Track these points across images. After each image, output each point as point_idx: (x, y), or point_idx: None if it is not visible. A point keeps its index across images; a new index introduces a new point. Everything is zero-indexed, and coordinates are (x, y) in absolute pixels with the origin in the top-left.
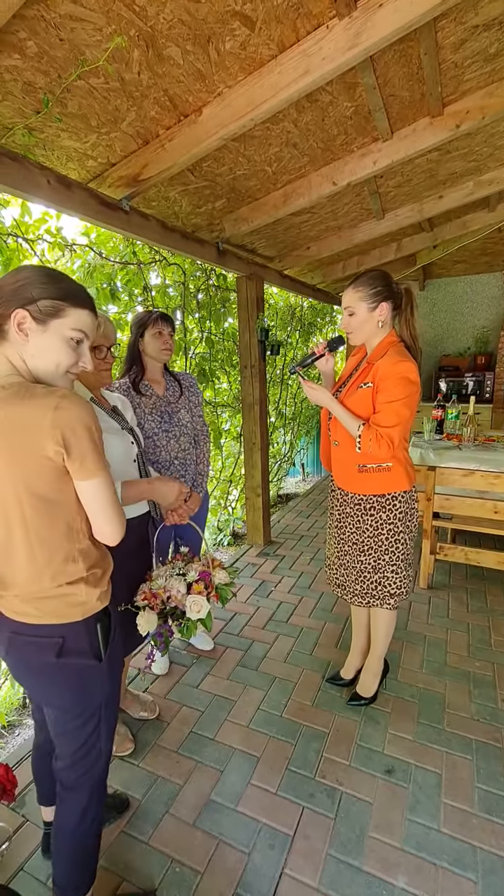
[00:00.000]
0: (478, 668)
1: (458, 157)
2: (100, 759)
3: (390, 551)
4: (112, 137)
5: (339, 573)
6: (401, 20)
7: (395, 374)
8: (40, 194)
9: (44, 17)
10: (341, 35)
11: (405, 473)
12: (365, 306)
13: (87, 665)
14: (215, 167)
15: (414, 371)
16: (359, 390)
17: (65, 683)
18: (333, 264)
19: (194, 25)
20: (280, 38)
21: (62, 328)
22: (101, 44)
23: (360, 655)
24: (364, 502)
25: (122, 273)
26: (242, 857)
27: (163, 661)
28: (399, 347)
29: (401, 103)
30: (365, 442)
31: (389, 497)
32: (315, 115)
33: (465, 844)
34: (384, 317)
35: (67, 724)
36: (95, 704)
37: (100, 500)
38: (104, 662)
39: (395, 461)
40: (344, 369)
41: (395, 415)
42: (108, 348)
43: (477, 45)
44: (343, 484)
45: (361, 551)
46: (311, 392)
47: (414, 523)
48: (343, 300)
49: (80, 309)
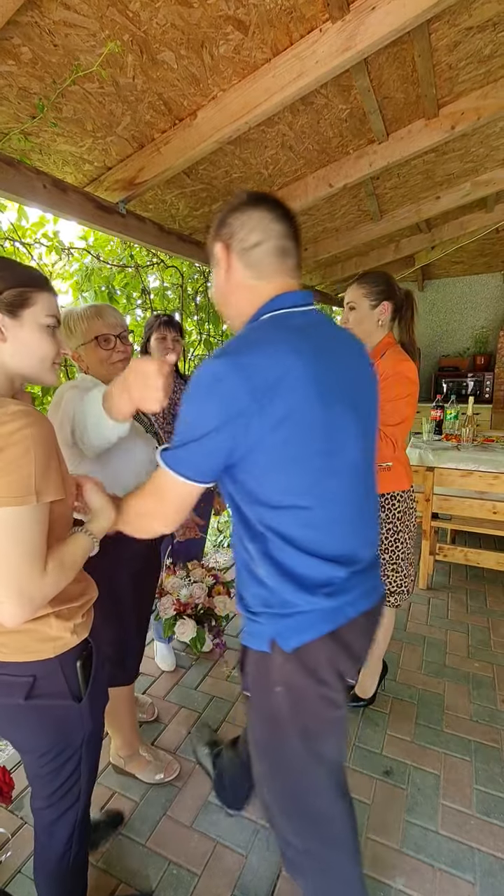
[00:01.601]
0: (477, 669)
1: (454, 158)
2: (80, 798)
3: (390, 550)
4: (108, 141)
5: None
6: (394, 23)
7: (397, 373)
8: (37, 199)
9: (38, 24)
10: (334, 38)
11: (405, 473)
12: (367, 303)
13: (63, 706)
14: (211, 170)
15: (414, 371)
16: None
17: (37, 726)
18: (332, 266)
19: (188, 30)
20: (273, 42)
21: (37, 316)
22: (96, 49)
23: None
24: None
25: (120, 276)
26: (240, 859)
27: (169, 658)
28: (398, 348)
29: (396, 105)
30: None
31: (389, 496)
32: (310, 118)
33: (464, 846)
34: (384, 316)
35: (42, 769)
36: (74, 746)
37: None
38: (84, 701)
39: (395, 461)
40: None
41: (397, 413)
42: (116, 337)
43: (471, 47)
44: None
45: None
46: None
47: (413, 522)
48: (346, 296)
49: (45, 292)
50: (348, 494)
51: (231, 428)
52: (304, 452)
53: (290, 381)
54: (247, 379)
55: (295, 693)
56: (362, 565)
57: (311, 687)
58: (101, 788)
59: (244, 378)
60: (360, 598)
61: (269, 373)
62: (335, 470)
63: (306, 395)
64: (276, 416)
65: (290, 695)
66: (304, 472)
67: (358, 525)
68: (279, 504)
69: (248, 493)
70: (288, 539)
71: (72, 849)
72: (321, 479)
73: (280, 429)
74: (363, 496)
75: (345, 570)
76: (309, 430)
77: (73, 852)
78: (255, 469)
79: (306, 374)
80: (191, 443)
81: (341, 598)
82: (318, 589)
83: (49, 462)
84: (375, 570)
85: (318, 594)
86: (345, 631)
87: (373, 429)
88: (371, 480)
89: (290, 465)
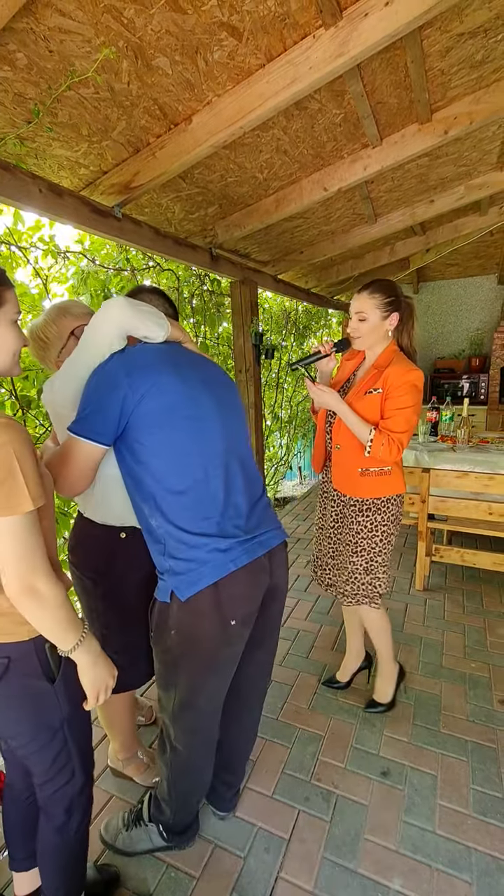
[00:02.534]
0: (474, 670)
1: (448, 162)
2: (75, 775)
3: (383, 553)
4: (103, 146)
5: (331, 573)
6: (386, 29)
7: (405, 382)
8: (32, 203)
9: (33, 30)
10: (328, 44)
11: (401, 477)
12: (379, 314)
13: (38, 686)
14: (207, 174)
15: (422, 379)
16: (367, 396)
17: (15, 705)
18: (327, 268)
19: (182, 36)
20: (267, 48)
21: (8, 314)
22: (91, 55)
23: (356, 658)
24: (360, 504)
25: (116, 280)
26: (238, 862)
27: None
28: (402, 356)
29: (389, 110)
30: (376, 446)
31: (385, 500)
32: (304, 123)
33: (461, 846)
34: (393, 326)
35: (28, 748)
36: (55, 724)
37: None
38: (58, 683)
39: (394, 465)
40: (340, 373)
41: (405, 421)
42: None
43: (463, 53)
44: (342, 487)
45: (354, 552)
46: (319, 394)
47: (400, 524)
48: (354, 304)
49: (10, 288)
50: (222, 457)
51: (115, 395)
52: (171, 417)
53: (156, 366)
54: (123, 364)
55: (185, 633)
56: (241, 522)
57: (199, 629)
58: (98, 791)
59: (122, 363)
60: (242, 555)
61: (140, 359)
62: (204, 434)
63: (168, 375)
64: (143, 388)
65: (182, 635)
66: (175, 433)
67: (234, 486)
68: (161, 466)
69: (136, 458)
70: (172, 494)
71: (71, 819)
72: (193, 441)
73: (148, 397)
74: (237, 459)
75: (222, 528)
76: (172, 399)
77: (72, 826)
78: (139, 434)
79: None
80: (88, 412)
81: (225, 555)
82: (201, 546)
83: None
84: (260, 527)
85: (203, 550)
86: (226, 582)
87: (233, 409)
88: (244, 449)
89: (163, 427)
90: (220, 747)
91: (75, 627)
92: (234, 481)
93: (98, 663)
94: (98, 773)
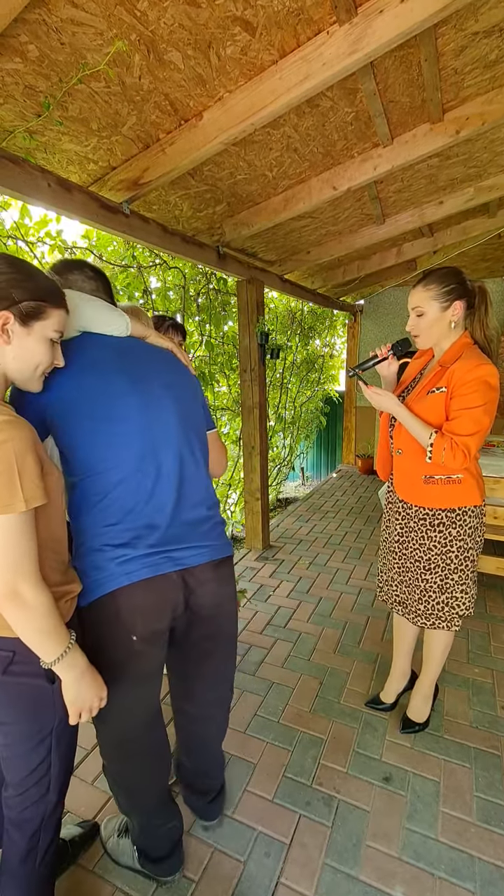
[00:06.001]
0: (477, 675)
1: (458, 162)
2: (49, 792)
3: (460, 570)
4: (113, 141)
5: (399, 590)
6: (401, 26)
7: (474, 378)
8: (41, 197)
9: (45, 21)
10: (342, 41)
11: (476, 486)
12: (437, 306)
13: (38, 685)
14: (216, 171)
15: (495, 375)
16: (429, 396)
17: (15, 700)
18: (334, 269)
19: (195, 30)
20: (280, 44)
21: (45, 330)
22: (103, 48)
23: (402, 678)
24: (431, 517)
25: (123, 276)
26: (238, 866)
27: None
28: (475, 350)
29: (401, 109)
30: (437, 451)
31: (460, 511)
32: (315, 121)
33: (464, 854)
34: (457, 317)
35: (13, 748)
36: (46, 729)
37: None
38: (57, 685)
39: (466, 473)
40: (406, 373)
41: (473, 422)
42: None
43: (477, 52)
44: (405, 495)
45: (426, 569)
46: (375, 397)
47: (482, 538)
48: (410, 300)
49: (59, 309)
50: (140, 464)
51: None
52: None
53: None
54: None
55: (89, 640)
56: (152, 535)
57: (101, 638)
58: (97, 792)
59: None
60: (140, 569)
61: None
62: (125, 438)
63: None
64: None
65: (87, 641)
66: (93, 434)
67: (155, 496)
68: (72, 468)
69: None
70: (82, 497)
71: (38, 847)
72: (109, 444)
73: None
74: (171, 470)
75: (125, 538)
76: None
77: (38, 854)
78: (56, 430)
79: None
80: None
81: (121, 566)
82: (100, 554)
83: (34, 467)
84: (180, 543)
85: (102, 558)
86: (125, 594)
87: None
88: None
89: (71, 427)
90: (189, 757)
91: (59, 639)
92: (157, 490)
93: (83, 680)
94: (98, 772)
